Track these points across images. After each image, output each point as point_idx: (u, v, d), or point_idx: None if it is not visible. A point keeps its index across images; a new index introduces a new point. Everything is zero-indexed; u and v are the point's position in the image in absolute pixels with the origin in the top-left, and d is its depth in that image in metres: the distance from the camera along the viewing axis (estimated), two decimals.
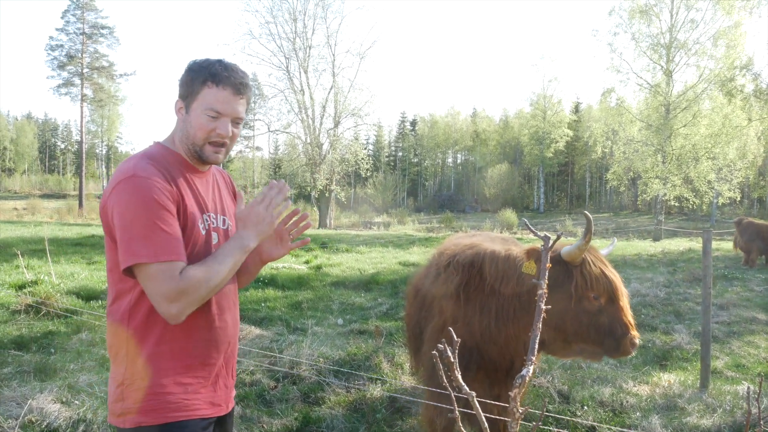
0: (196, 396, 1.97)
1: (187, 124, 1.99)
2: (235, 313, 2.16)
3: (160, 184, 1.85)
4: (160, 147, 2.04)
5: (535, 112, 64.56)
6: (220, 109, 1.95)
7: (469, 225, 40.35)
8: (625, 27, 32.78)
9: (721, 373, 5.90)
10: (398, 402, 4.87)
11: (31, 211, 42.68)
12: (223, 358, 2.08)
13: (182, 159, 2.03)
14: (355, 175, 58.37)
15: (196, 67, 1.97)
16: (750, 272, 13.25)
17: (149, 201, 1.81)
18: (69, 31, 48.01)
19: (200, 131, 1.96)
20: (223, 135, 1.98)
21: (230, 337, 2.10)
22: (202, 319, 1.97)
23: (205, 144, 1.98)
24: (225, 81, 1.95)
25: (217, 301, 2.03)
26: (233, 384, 2.18)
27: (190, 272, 1.82)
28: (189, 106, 1.98)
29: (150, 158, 1.93)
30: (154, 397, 1.89)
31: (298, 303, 8.93)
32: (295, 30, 38.16)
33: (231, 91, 1.96)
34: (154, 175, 1.86)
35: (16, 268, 10.16)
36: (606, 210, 67.31)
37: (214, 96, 1.94)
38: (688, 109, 30.67)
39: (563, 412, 4.68)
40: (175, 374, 1.93)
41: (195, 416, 1.95)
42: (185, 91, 1.98)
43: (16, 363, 5.51)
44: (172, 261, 1.80)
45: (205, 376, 2.01)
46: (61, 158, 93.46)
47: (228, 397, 2.12)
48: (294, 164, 40.62)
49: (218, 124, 1.96)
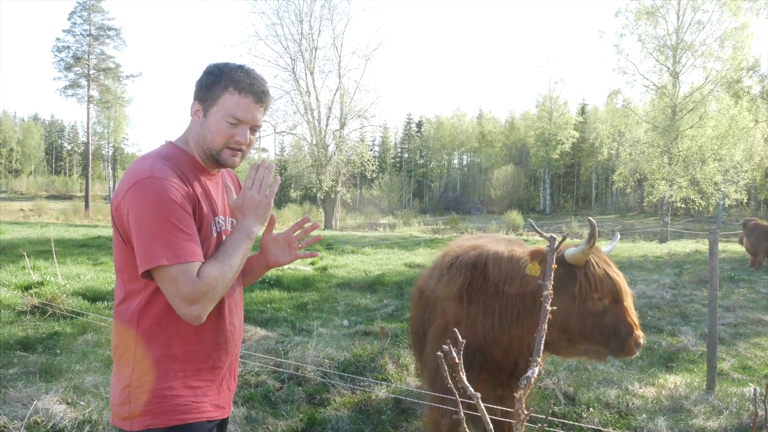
0: (204, 399, 1.96)
1: (204, 128, 1.97)
2: (241, 315, 2.16)
3: (177, 184, 1.84)
4: (173, 147, 2.01)
5: (541, 114, 64.48)
6: (241, 117, 1.94)
7: (475, 226, 40.31)
8: (631, 28, 32.72)
9: (728, 374, 5.87)
10: (403, 403, 4.86)
11: (38, 212, 42.89)
12: (229, 361, 2.08)
13: (195, 161, 2.01)
14: (361, 176, 58.31)
15: (217, 72, 1.95)
16: (756, 274, 13.19)
17: (167, 202, 1.79)
18: (76, 33, 48.24)
19: (219, 137, 1.95)
20: (241, 142, 1.97)
21: (237, 340, 2.10)
22: (213, 322, 1.96)
23: (223, 149, 1.97)
24: (248, 89, 1.93)
25: (227, 303, 2.02)
26: (234, 386, 2.17)
27: (206, 271, 1.81)
28: (207, 110, 1.96)
29: (165, 158, 1.91)
30: (163, 400, 1.87)
31: (304, 304, 8.93)
32: (301, 31, 38.24)
33: (252, 99, 1.95)
34: (171, 176, 1.84)
35: (22, 269, 10.19)
36: (612, 211, 67.16)
37: (235, 103, 1.93)
38: (695, 111, 30.57)
39: (569, 414, 4.67)
40: (184, 377, 1.91)
41: (203, 419, 1.95)
42: (204, 95, 1.96)
43: (21, 364, 5.53)
44: (191, 262, 1.79)
45: (213, 379, 2.00)
46: (68, 159, 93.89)
47: (230, 399, 2.13)
48: (300, 165, 40.64)
49: (237, 131, 1.95)
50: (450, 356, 1.06)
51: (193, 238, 1.82)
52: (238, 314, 2.10)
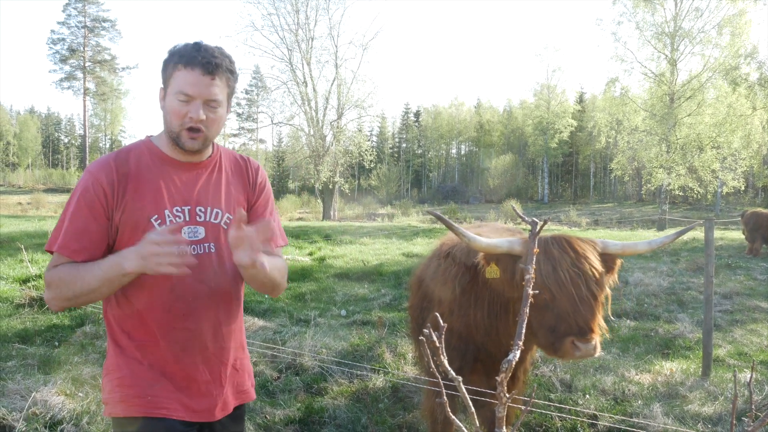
0: (165, 396, 1.95)
1: (164, 111, 1.94)
2: (220, 320, 2.05)
3: (98, 179, 1.88)
4: (142, 142, 2.03)
5: (539, 103, 64.35)
6: (190, 92, 1.85)
7: (473, 216, 40.31)
8: (629, 16, 32.68)
9: (723, 361, 5.90)
10: (401, 392, 4.89)
11: (35, 205, 42.83)
12: (202, 363, 2.01)
13: (160, 153, 1.98)
14: (359, 166, 58.31)
15: (171, 51, 1.92)
16: (754, 261, 13.22)
17: (77, 195, 1.88)
18: (71, 25, 48.14)
19: (174, 116, 1.89)
20: (194, 119, 1.87)
21: (208, 343, 2.02)
22: (162, 319, 1.95)
23: (182, 130, 1.90)
24: (193, 62, 1.85)
25: (184, 302, 1.96)
26: (223, 392, 2.08)
27: (59, 269, 1.86)
28: (165, 92, 1.93)
29: (117, 153, 1.97)
30: (121, 390, 1.93)
31: (302, 294, 8.95)
32: (297, 21, 38.10)
33: (200, 72, 1.85)
34: (101, 170, 1.89)
35: (20, 263, 10.19)
36: (610, 200, 67.21)
37: (183, 78, 1.86)
38: (693, 99, 30.57)
39: (565, 401, 4.69)
40: (144, 369, 1.94)
41: (160, 415, 1.92)
42: (162, 78, 1.95)
43: (20, 356, 5.54)
44: (58, 253, 1.86)
45: (173, 378, 1.97)
46: (65, 152, 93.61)
47: (212, 404, 2.04)
48: (297, 156, 40.63)
49: (190, 108, 1.87)
50: (430, 340, 1.07)
51: (73, 232, 1.86)
52: (206, 318, 2.01)
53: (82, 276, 1.81)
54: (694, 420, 4.35)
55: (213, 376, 2.04)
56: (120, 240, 1.91)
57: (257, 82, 62.64)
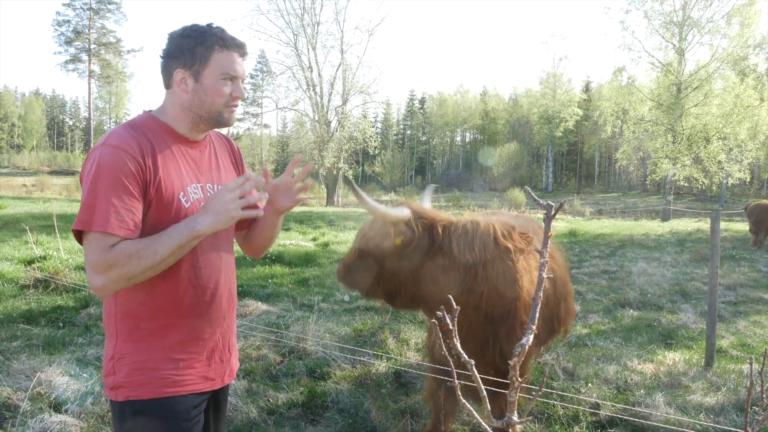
0: (189, 371, 1.96)
1: (200, 92, 1.93)
2: (230, 287, 2.12)
3: (126, 153, 1.79)
4: (147, 116, 1.98)
5: (545, 91, 64.10)
6: (235, 72, 1.96)
7: (477, 204, 40.29)
8: (637, 4, 32.42)
9: (726, 352, 5.90)
10: (403, 377, 4.91)
11: (40, 187, 42.94)
12: (219, 333, 2.06)
13: (170, 129, 1.97)
14: (363, 153, 58.22)
15: (196, 34, 1.91)
16: (758, 253, 13.20)
17: (106, 170, 1.76)
18: (76, 6, 47.85)
19: (218, 97, 1.95)
20: (240, 96, 2.00)
21: (224, 312, 2.06)
22: (190, 293, 1.94)
23: (225, 108, 1.98)
24: (231, 44, 1.95)
25: (206, 273, 1.98)
26: (230, 358, 2.14)
27: (122, 246, 1.75)
28: (199, 74, 1.92)
29: (131, 127, 1.89)
30: (144, 372, 1.88)
31: (305, 279, 8.96)
32: (303, 6, 37.88)
33: (238, 53, 1.97)
34: (126, 144, 1.81)
35: (25, 244, 10.23)
36: (615, 190, 67.10)
37: (226, 59, 1.94)
38: (700, 89, 30.37)
39: (567, 389, 4.70)
40: (166, 349, 1.92)
41: (186, 392, 1.94)
42: (189, 60, 1.91)
43: (25, 337, 5.57)
44: (106, 233, 1.73)
45: (199, 351, 1.99)
46: (70, 135, 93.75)
47: (223, 371, 2.10)
48: (302, 142, 40.52)
49: (234, 87, 1.98)
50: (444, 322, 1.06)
51: (119, 208, 1.75)
52: (225, 286, 2.07)
53: (155, 248, 1.77)
54: (696, 410, 4.35)
55: (223, 342, 2.10)
56: (149, 216, 1.86)
57: (262, 67, 62.48)
